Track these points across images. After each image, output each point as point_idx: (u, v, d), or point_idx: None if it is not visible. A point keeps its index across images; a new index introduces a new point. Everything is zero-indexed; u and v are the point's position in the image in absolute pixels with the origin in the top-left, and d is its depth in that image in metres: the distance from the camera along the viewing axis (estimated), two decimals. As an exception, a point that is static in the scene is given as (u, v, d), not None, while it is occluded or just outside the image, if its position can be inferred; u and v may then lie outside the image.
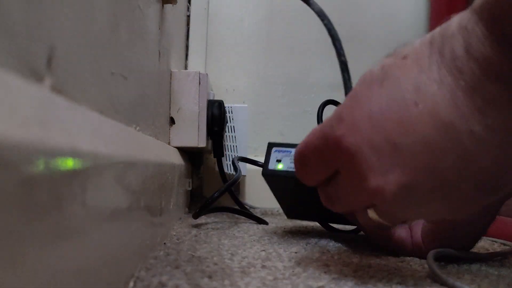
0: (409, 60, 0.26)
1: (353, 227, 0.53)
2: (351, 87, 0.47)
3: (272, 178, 0.46)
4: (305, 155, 0.30)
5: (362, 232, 0.51)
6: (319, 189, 0.31)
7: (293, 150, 0.46)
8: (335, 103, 0.61)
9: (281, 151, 0.46)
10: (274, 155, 0.46)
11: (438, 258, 0.38)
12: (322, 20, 0.52)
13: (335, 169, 0.28)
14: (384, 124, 0.26)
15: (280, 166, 0.46)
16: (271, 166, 0.46)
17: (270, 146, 0.47)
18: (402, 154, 0.25)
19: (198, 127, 0.60)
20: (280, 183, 0.47)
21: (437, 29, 0.27)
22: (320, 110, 0.61)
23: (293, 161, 0.45)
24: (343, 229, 0.53)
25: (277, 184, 0.48)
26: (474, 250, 0.42)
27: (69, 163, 0.17)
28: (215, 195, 0.54)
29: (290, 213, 0.54)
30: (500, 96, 0.24)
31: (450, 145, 0.24)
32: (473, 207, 0.28)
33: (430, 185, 0.25)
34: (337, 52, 0.51)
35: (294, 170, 0.45)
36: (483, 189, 0.26)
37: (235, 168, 0.61)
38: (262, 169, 0.46)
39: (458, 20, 0.26)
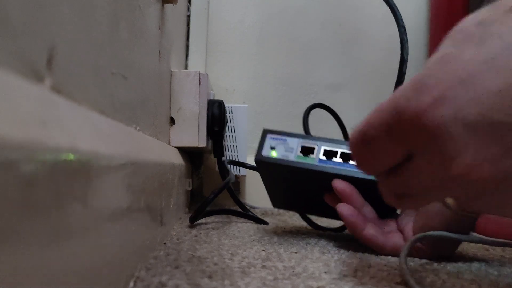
0: None
1: (339, 224, 0.54)
2: (407, 52, 0.46)
3: (264, 165, 0.46)
4: (368, 135, 0.24)
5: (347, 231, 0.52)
6: (380, 180, 0.26)
7: (288, 139, 0.45)
8: (324, 107, 0.61)
9: (275, 138, 0.46)
10: (268, 142, 0.46)
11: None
12: None
13: (408, 153, 0.24)
14: (480, 95, 0.21)
15: (274, 154, 0.45)
16: (265, 152, 0.45)
17: (265, 132, 0.46)
18: (502, 134, 0.20)
19: (198, 127, 0.60)
20: (272, 171, 0.46)
21: None
22: (306, 114, 0.61)
23: (287, 149, 0.45)
24: (328, 226, 0.54)
25: (269, 171, 0.47)
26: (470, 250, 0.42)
27: (70, 160, 0.17)
28: (209, 198, 0.54)
29: (277, 202, 0.54)
30: None
31: None
32: None
33: None
34: (396, 19, 0.50)
35: (288, 159, 0.45)
36: None
37: (226, 171, 0.61)
38: (256, 155, 0.46)
39: None
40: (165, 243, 0.39)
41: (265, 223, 0.59)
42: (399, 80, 0.48)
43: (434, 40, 0.87)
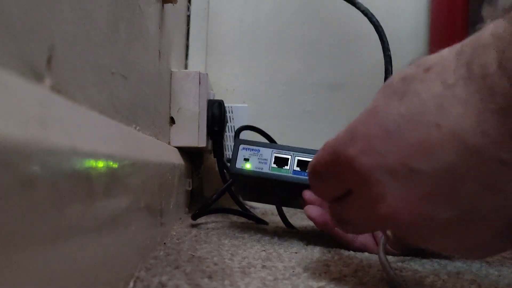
0: (433, 73, 0.24)
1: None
2: None
3: (239, 176, 0.46)
4: (317, 171, 0.29)
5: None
6: (329, 206, 0.30)
7: (261, 149, 0.46)
8: (252, 128, 0.63)
9: (249, 149, 0.46)
10: (241, 153, 0.46)
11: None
12: (370, 18, 0.52)
13: (348, 188, 0.27)
14: (401, 145, 0.24)
15: (248, 166, 0.45)
16: (239, 165, 0.46)
17: (238, 143, 0.47)
18: (419, 181, 0.23)
19: (198, 127, 0.60)
20: (246, 181, 0.47)
21: (469, 38, 0.23)
22: (237, 135, 0.61)
23: (261, 160, 0.46)
24: (304, 229, 0.55)
25: (243, 181, 0.48)
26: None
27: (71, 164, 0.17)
28: (214, 197, 0.54)
29: (246, 197, 0.55)
30: None
31: (475, 174, 0.22)
32: (504, 247, 0.25)
33: (450, 215, 0.23)
34: (383, 47, 0.50)
35: (262, 171, 0.46)
36: None
37: (228, 170, 0.62)
38: (229, 168, 0.46)
39: (493, 28, 0.22)
40: (165, 243, 0.39)
41: (265, 223, 0.59)
42: None
43: (434, 41, 0.87)
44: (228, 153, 0.77)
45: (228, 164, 0.66)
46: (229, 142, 0.77)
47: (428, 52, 0.90)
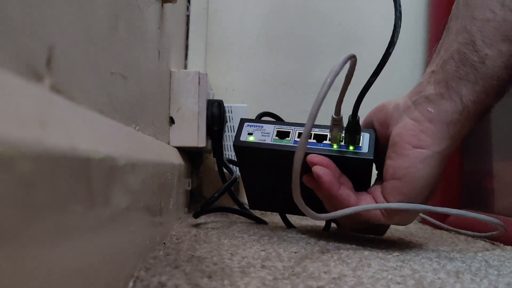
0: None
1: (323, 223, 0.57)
2: (397, 36, 0.48)
3: (242, 149, 0.48)
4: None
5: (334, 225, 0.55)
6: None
7: (264, 125, 0.48)
8: (270, 115, 0.63)
9: (252, 125, 0.48)
10: (245, 129, 0.48)
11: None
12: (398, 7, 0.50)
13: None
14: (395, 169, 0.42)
15: (251, 138, 0.47)
16: (243, 138, 0.48)
17: (242, 121, 0.49)
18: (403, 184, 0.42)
19: (198, 127, 0.60)
20: (250, 156, 0.48)
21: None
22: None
23: (264, 134, 0.47)
24: (311, 227, 0.54)
25: (247, 157, 0.49)
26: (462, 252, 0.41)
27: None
28: (216, 195, 0.54)
29: (255, 203, 0.56)
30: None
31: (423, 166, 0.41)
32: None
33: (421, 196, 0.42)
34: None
35: (264, 142, 0.47)
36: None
37: (229, 169, 0.62)
38: (234, 141, 0.48)
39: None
40: (164, 243, 0.39)
41: (265, 222, 0.59)
42: (383, 61, 0.48)
43: (433, 37, 0.87)
44: (228, 153, 0.77)
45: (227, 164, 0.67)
46: (228, 142, 0.77)
47: (428, 48, 0.91)
